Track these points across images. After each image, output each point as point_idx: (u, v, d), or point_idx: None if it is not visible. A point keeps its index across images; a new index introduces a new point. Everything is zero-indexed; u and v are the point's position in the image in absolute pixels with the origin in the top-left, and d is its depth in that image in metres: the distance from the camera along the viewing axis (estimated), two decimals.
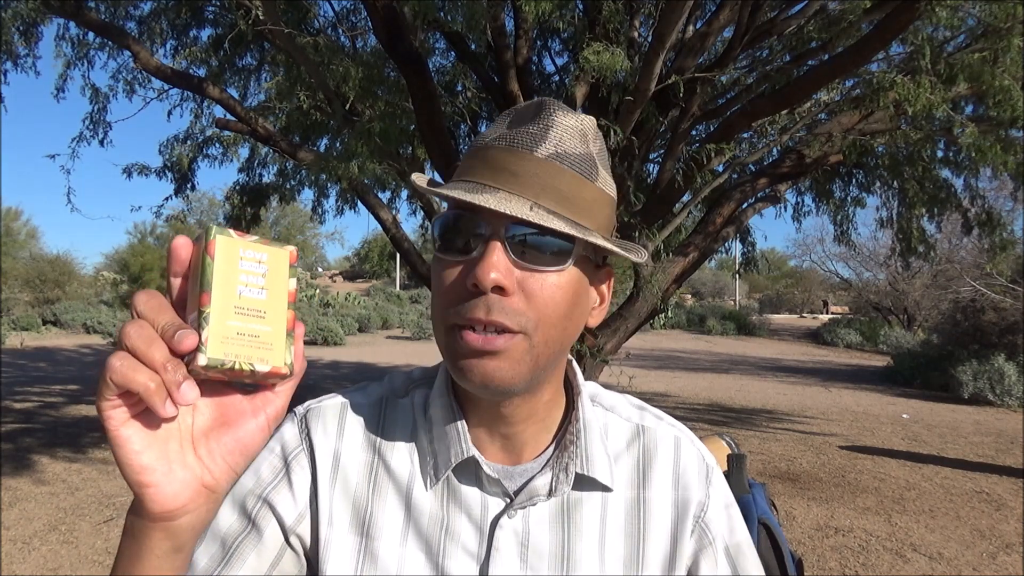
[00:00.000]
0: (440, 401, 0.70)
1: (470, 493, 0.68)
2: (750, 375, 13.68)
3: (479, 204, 0.58)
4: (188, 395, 0.46)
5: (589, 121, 0.66)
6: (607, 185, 0.65)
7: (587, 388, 0.75)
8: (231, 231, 0.48)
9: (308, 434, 0.70)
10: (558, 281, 0.62)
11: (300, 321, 0.51)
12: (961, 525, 4.59)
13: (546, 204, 0.60)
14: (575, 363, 0.74)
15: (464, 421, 0.69)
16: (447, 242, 0.63)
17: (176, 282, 0.49)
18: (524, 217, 0.58)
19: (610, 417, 0.74)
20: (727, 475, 0.96)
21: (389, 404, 0.74)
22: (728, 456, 0.99)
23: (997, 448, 7.10)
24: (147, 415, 0.47)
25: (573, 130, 0.63)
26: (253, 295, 0.48)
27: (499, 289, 0.59)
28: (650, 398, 9.88)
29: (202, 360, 0.45)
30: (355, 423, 0.72)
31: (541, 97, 0.66)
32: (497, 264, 0.59)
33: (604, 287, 0.70)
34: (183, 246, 0.48)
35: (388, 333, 22.54)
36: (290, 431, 0.71)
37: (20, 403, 8.56)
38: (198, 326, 0.46)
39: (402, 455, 0.70)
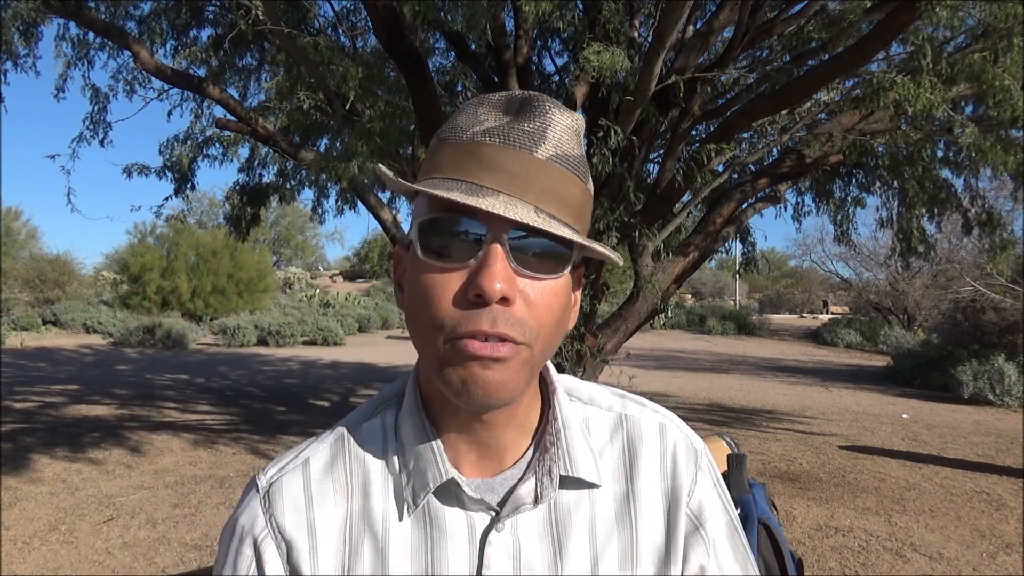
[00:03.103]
0: (411, 421, 0.66)
1: (452, 514, 0.64)
2: (750, 375, 13.67)
3: (485, 208, 0.54)
4: None
5: (580, 120, 0.63)
6: (591, 185, 0.64)
7: (562, 383, 0.71)
8: None
9: (273, 516, 0.64)
10: (555, 288, 0.59)
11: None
12: (961, 525, 4.59)
13: (548, 208, 0.57)
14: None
15: (438, 440, 0.65)
16: (437, 247, 0.58)
17: None
18: (533, 224, 0.55)
19: (590, 410, 0.71)
20: (727, 475, 0.96)
21: (353, 437, 0.68)
22: (728, 456, 0.98)
23: (997, 448, 7.10)
24: None
25: (570, 130, 0.61)
26: None
27: (503, 299, 0.56)
28: (650, 398, 9.83)
29: None
30: (320, 478, 0.66)
31: (525, 91, 0.63)
32: (502, 272, 0.56)
33: (578, 290, 0.68)
34: None
35: (388, 333, 22.54)
36: (254, 512, 0.65)
37: (20, 403, 8.56)
38: None
39: (374, 490, 0.65)
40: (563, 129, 0.60)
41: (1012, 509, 4.96)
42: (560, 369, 0.77)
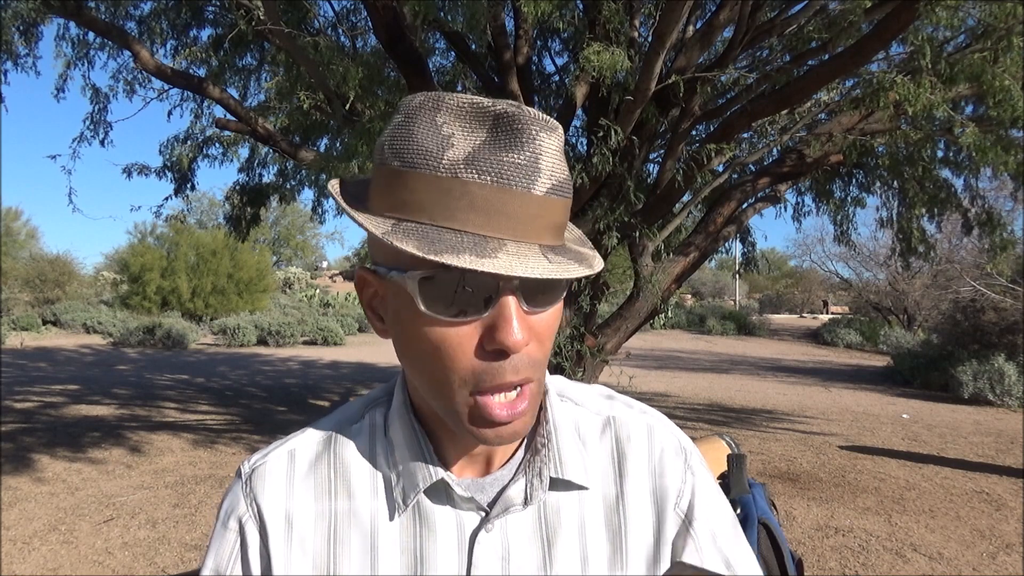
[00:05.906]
0: (400, 422, 0.66)
1: (442, 513, 0.64)
2: (750, 375, 13.67)
3: (502, 272, 0.52)
4: None
5: (561, 131, 0.59)
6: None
7: (554, 384, 0.71)
8: None
9: (255, 499, 0.66)
10: (557, 310, 0.60)
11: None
12: (961, 525, 4.59)
13: (548, 241, 0.56)
14: None
15: (427, 440, 0.65)
16: (443, 302, 0.56)
17: None
18: (550, 276, 0.53)
19: (580, 412, 0.71)
20: (727, 475, 0.96)
21: (341, 435, 0.68)
22: (728, 456, 0.98)
23: (997, 448, 7.10)
24: None
25: (558, 152, 0.57)
26: None
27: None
28: (650, 398, 9.88)
29: None
30: (305, 472, 0.67)
31: (506, 104, 0.56)
32: (519, 324, 0.55)
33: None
34: None
35: None
36: (236, 496, 0.67)
37: (20, 403, 8.56)
38: None
39: (362, 489, 0.66)
40: (553, 154, 0.56)
41: (1012, 509, 4.96)
42: (560, 369, 0.76)
